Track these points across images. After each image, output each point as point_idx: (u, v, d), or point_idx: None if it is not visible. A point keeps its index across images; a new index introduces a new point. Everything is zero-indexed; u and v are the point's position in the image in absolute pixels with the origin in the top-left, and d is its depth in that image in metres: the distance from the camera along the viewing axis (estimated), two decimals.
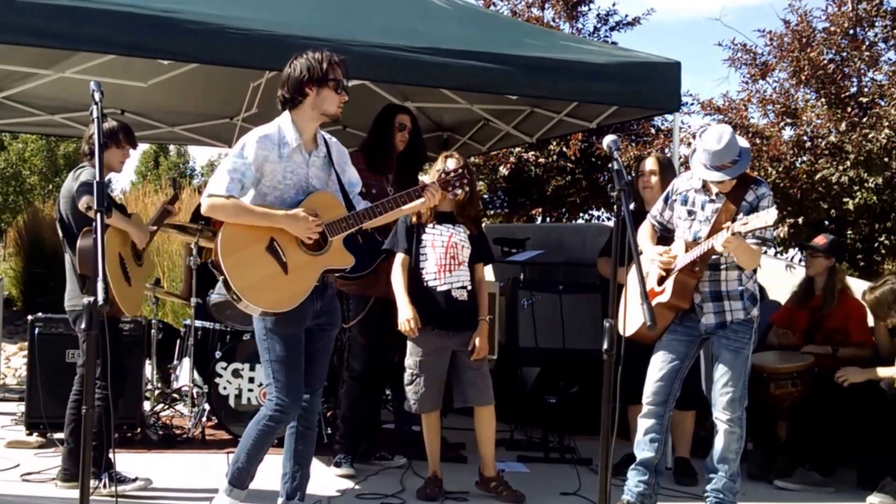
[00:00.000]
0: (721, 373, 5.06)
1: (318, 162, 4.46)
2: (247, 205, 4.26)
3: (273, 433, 4.42)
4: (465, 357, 5.32)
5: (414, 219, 5.35)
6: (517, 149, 12.56)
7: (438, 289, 5.30)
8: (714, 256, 5.04)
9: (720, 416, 5.08)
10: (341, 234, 4.40)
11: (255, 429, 4.40)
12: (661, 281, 5.14)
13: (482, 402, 5.37)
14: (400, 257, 5.38)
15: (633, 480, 5.20)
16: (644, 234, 5.30)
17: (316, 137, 4.47)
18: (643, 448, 5.20)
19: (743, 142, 5.03)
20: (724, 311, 5.09)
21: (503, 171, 13.13)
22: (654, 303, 4.98)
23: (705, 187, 5.13)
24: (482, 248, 5.48)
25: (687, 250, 5.06)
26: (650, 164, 6.21)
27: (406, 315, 5.24)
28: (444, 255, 5.31)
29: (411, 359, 5.37)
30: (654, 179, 6.07)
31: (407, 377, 5.41)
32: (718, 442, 5.12)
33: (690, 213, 5.17)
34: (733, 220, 4.88)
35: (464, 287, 5.33)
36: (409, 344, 5.39)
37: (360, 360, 5.97)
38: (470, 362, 5.31)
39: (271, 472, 4.78)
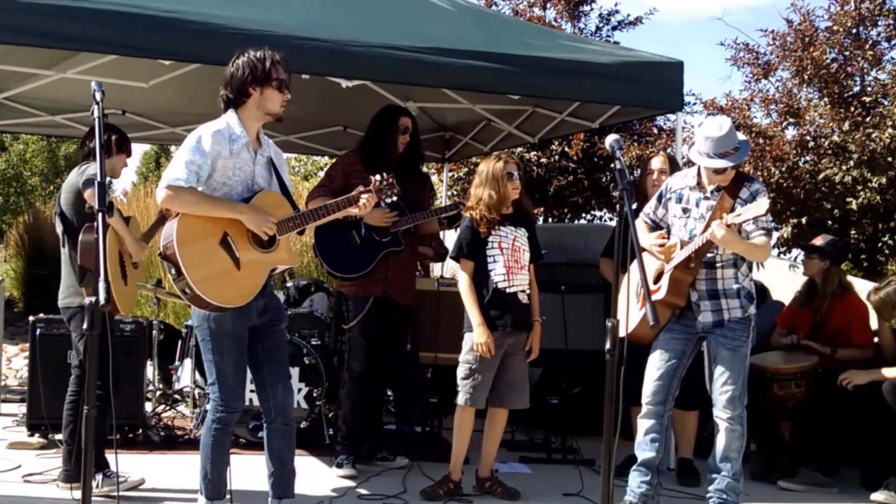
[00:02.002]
0: (720, 371, 5.06)
1: (263, 161, 4.46)
2: (208, 195, 4.23)
3: (225, 434, 4.43)
4: (514, 359, 5.39)
5: (482, 225, 5.36)
6: (519, 149, 12.55)
7: (508, 290, 5.34)
8: (710, 255, 5.04)
9: (721, 414, 5.07)
10: (288, 232, 4.40)
11: (208, 437, 4.42)
12: (657, 279, 5.13)
13: (516, 405, 5.47)
14: (469, 266, 5.39)
15: (636, 481, 5.18)
16: (640, 229, 5.27)
17: (259, 137, 4.46)
18: (644, 448, 5.18)
19: (739, 134, 5.05)
20: (722, 309, 5.09)
21: None
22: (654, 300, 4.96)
23: (700, 185, 5.13)
24: (535, 247, 5.53)
25: (682, 248, 5.05)
26: (659, 162, 6.17)
27: (481, 338, 5.26)
28: (510, 257, 5.36)
29: (471, 354, 5.35)
30: (665, 178, 6.03)
31: (464, 371, 5.38)
32: (720, 441, 5.10)
33: (685, 210, 5.17)
34: (719, 217, 4.92)
35: (525, 291, 5.38)
36: (468, 340, 5.37)
37: (360, 361, 5.95)
38: (517, 364, 5.40)
39: (259, 472, 4.75)
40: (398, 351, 6.26)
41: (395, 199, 4.91)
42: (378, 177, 4.67)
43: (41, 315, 6.55)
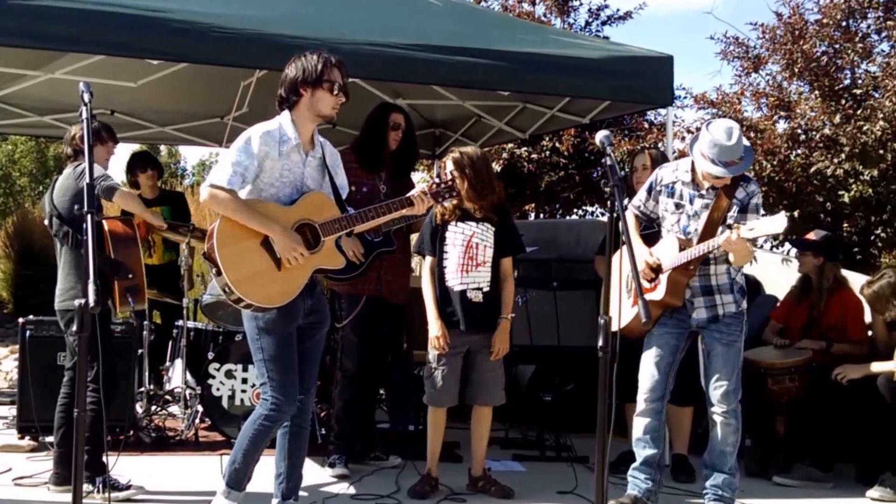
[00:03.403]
0: (715, 367, 5.08)
1: (314, 163, 4.47)
2: (247, 205, 4.24)
3: (269, 433, 4.41)
4: (479, 357, 5.36)
5: (438, 218, 5.39)
6: (510, 145, 12.53)
7: (455, 289, 5.32)
8: None
9: (716, 409, 5.08)
10: (334, 234, 4.41)
11: (250, 429, 4.39)
12: (652, 278, 5.11)
13: (487, 402, 5.44)
14: (428, 261, 5.45)
15: (641, 476, 5.16)
16: (630, 226, 5.21)
17: (313, 139, 4.47)
18: (645, 446, 5.17)
19: (744, 139, 5.02)
20: (716, 304, 5.10)
21: (496, 166, 13.10)
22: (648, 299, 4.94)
23: (695, 181, 5.10)
24: (507, 240, 5.42)
25: (682, 248, 5.03)
26: (642, 159, 6.16)
27: (434, 332, 5.32)
28: (462, 255, 5.32)
29: (431, 353, 5.39)
30: (647, 175, 6.02)
31: (426, 371, 5.44)
32: (715, 436, 5.11)
33: (678, 206, 5.14)
34: (724, 218, 4.93)
35: (479, 288, 5.33)
36: (430, 339, 5.41)
37: (352, 360, 5.93)
38: (484, 362, 5.36)
39: (264, 472, 4.73)
40: (393, 350, 6.24)
41: (454, 201, 4.91)
42: (437, 179, 4.70)
43: (31, 317, 6.50)
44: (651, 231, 5.41)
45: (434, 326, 5.33)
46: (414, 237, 6.71)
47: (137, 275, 5.22)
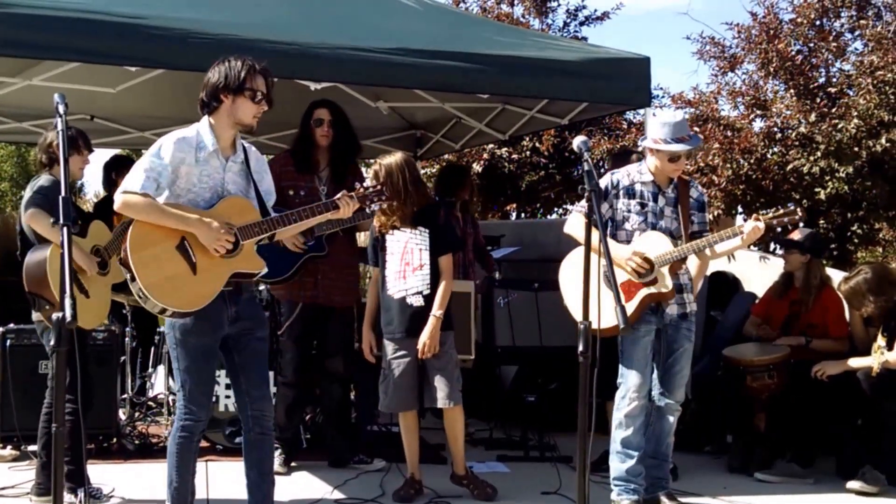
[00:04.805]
0: (681, 363, 5.24)
1: (236, 168, 4.39)
2: (160, 205, 4.16)
3: (190, 443, 4.38)
4: (431, 359, 5.34)
5: (377, 230, 5.41)
6: (490, 145, 12.57)
7: (395, 297, 5.36)
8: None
9: (675, 402, 5.25)
10: (253, 238, 4.32)
11: (173, 444, 4.37)
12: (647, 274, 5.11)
13: (444, 403, 5.36)
14: (374, 272, 5.52)
15: (637, 478, 5.17)
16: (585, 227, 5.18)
17: (234, 143, 4.39)
18: (638, 445, 5.18)
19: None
20: (685, 302, 5.26)
21: (476, 167, 13.15)
22: (648, 292, 5.09)
23: (655, 181, 5.21)
24: (439, 240, 5.39)
25: (675, 242, 5.12)
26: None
27: (363, 341, 5.52)
28: (399, 262, 5.36)
29: (384, 360, 5.45)
30: None
31: (381, 377, 5.46)
32: (668, 427, 5.27)
33: (643, 205, 5.24)
34: (688, 214, 5.19)
35: (419, 293, 5.33)
36: (383, 345, 5.46)
37: (290, 366, 5.98)
38: (435, 364, 5.34)
39: (237, 479, 4.71)
40: (345, 353, 6.20)
41: (384, 206, 4.92)
42: (366, 183, 4.66)
43: (11, 325, 6.46)
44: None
45: (364, 336, 5.52)
46: (361, 236, 6.67)
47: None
